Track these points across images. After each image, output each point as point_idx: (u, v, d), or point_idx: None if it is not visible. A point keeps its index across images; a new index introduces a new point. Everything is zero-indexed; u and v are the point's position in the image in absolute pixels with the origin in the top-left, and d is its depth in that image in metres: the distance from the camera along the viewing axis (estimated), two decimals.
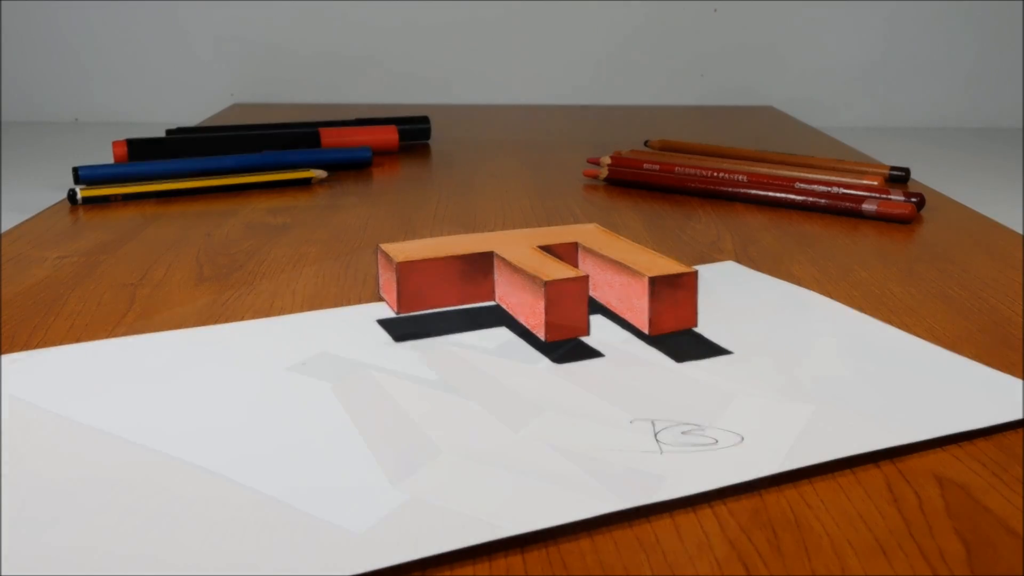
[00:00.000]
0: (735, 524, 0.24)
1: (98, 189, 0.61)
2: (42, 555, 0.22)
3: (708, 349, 0.36)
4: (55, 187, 0.72)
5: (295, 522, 0.23)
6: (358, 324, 0.38)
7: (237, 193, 0.63)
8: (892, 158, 0.83)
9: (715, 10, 1.33)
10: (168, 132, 0.79)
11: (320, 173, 0.66)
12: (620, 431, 0.28)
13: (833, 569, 0.22)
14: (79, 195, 0.60)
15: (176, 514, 0.24)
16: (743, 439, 0.28)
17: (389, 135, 0.79)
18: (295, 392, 0.32)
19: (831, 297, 0.42)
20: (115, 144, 0.72)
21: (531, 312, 0.35)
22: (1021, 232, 0.54)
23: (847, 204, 0.58)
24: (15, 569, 0.21)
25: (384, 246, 0.39)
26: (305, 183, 0.66)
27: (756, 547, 0.23)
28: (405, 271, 0.37)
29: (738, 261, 0.47)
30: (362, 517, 0.24)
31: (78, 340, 0.36)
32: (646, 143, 0.79)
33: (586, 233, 0.41)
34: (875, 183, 0.61)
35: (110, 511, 0.24)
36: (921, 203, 0.58)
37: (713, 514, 0.24)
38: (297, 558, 0.22)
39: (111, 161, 0.72)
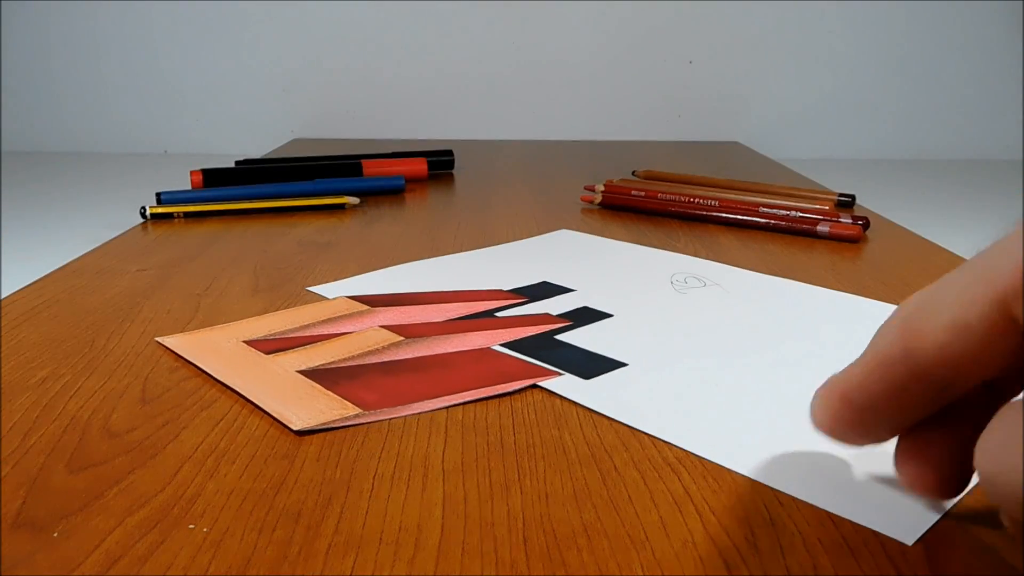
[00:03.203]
0: (716, 522, 0.21)
1: (164, 207, 0.60)
2: None
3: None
4: None
5: None
6: None
7: (291, 215, 0.61)
8: (838, 186, 0.81)
9: (690, 62, 1.31)
10: (236, 163, 0.77)
11: (352, 200, 0.64)
12: None
13: (807, 568, 0.19)
14: (148, 211, 0.60)
15: None
16: None
17: (419, 166, 0.77)
18: None
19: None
20: (192, 172, 0.70)
21: None
22: (948, 249, 0.52)
23: (804, 226, 0.55)
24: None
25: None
26: (341, 207, 0.63)
27: (735, 545, 0.20)
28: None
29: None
30: None
31: (148, 344, 0.34)
32: (634, 173, 0.76)
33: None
34: (826, 208, 0.58)
35: None
36: (866, 225, 0.56)
37: (696, 512, 0.22)
38: None
39: (189, 187, 0.70)
